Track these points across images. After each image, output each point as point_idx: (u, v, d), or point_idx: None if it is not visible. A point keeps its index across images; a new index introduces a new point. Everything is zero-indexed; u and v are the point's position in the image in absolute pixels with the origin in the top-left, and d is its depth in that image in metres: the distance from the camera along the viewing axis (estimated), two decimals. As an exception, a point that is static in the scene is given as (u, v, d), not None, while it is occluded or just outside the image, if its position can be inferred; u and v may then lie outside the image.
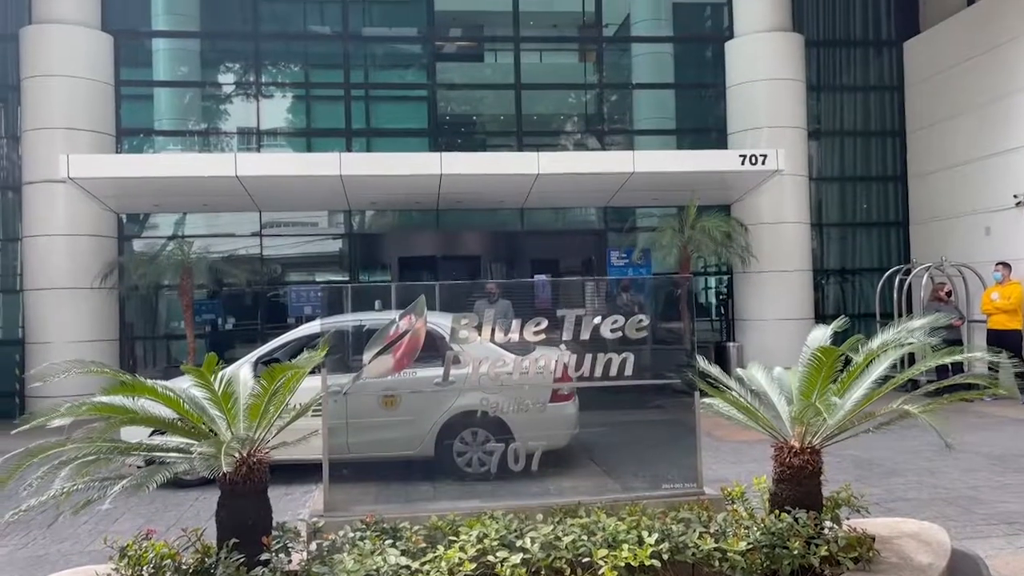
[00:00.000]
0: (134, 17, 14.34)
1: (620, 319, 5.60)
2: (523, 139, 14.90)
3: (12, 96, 12.97)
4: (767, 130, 13.59)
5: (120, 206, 12.88)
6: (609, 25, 16.03)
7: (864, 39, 15.13)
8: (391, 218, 15.23)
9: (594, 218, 15.27)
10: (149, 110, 14.64)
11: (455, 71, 16.39)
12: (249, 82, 14.78)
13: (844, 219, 15.03)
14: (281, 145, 15.28)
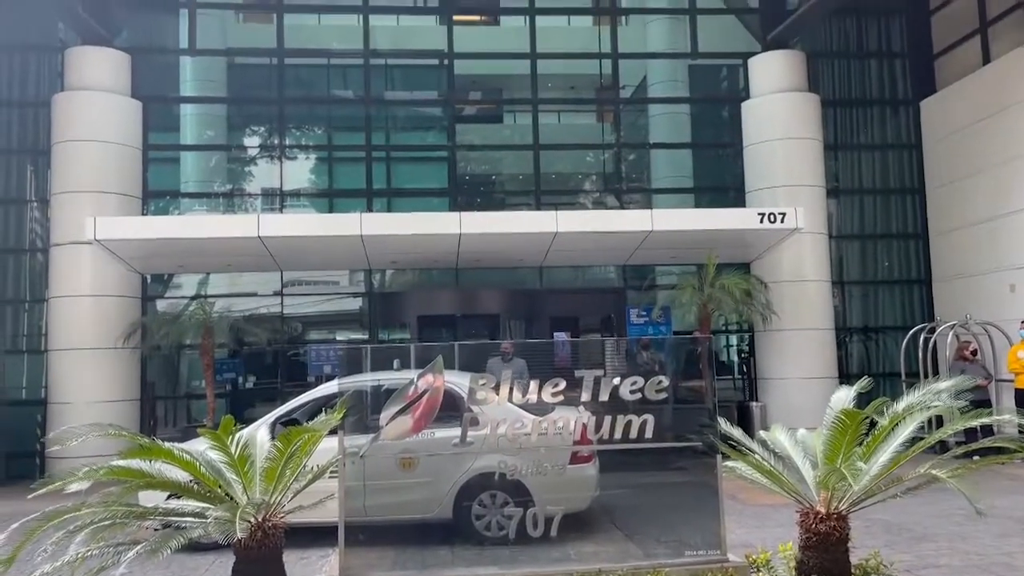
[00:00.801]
0: (163, 83, 14.77)
1: (639, 380, 5.56)
2: (541, 198, 15.04)
3: (42, 161, 13.30)
4: (785, 188, 13.62)
5: (145, 267, 13.07)
6: (626, 87, 16.28)
7: (880, 98, 15.20)
8: (411, 277, 15.32)
9: (613, 276, 15.28)
10: (175, 172, 14.96)
11: (474, 132, 16.68)
12: (273, 144, 15.10)
13: (866, 277, 14.91)
14: (303, 205, 15.51)
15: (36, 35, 13.67)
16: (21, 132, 13.51)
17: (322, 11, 16.10)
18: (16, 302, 13.31)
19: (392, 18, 16.45)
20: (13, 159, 13.47)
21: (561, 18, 16.74)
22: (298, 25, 15.35)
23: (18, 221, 13.47)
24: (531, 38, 15.24)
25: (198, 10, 14.51)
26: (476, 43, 16.09)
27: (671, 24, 16.03)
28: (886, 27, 15.28)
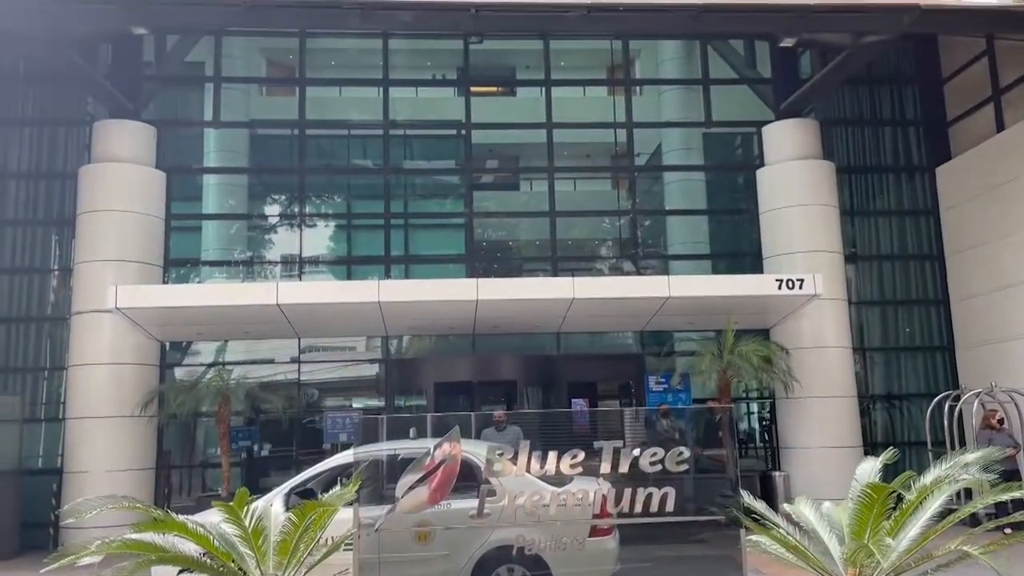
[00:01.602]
0: (187, 154, 15.12)
1: (660, 452, 5.48)
2: (558, 264, 15.09)
3: (67, 230, 13.55)
4: (803, 255, 13.60)
5: (164, 334, 13.16)
6: (641, 154, 16.46)
7: (896, 165, 15.25)
8: (427, 343, 15.32)
9: (631, 342, 15.21)
10: (197, 241, 15.18)
11: (491, 199, 16.86)
12: (293, 212, 15.33)
13: (887, 343, 14.72)
14: (322, 272, 15.64)
15: (66, 110, 14.09)
16: (47, 203, 13.81)
17: (343, 84, 16.50)
18: (36, 370, 13.40)
19: (411, 90, 16.82)
20: (39, 229, 13.74)
21: (576, 88, 17.07)
22: (319, 97, 15.72)
23: (41, 290, 13.67)
24: (547, 108, 15.51)
25: (223, 84, 14.90)
26: (493, 113, 16.39)
27: (685, 94, 16.27)
28: (899, 95, 15.43)
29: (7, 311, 13.37)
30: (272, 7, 12.78)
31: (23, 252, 13.60)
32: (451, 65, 16.47)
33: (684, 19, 12.82)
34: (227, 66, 15.07)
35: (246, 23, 13.72)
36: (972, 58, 14.13)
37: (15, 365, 13.26)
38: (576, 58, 16.95)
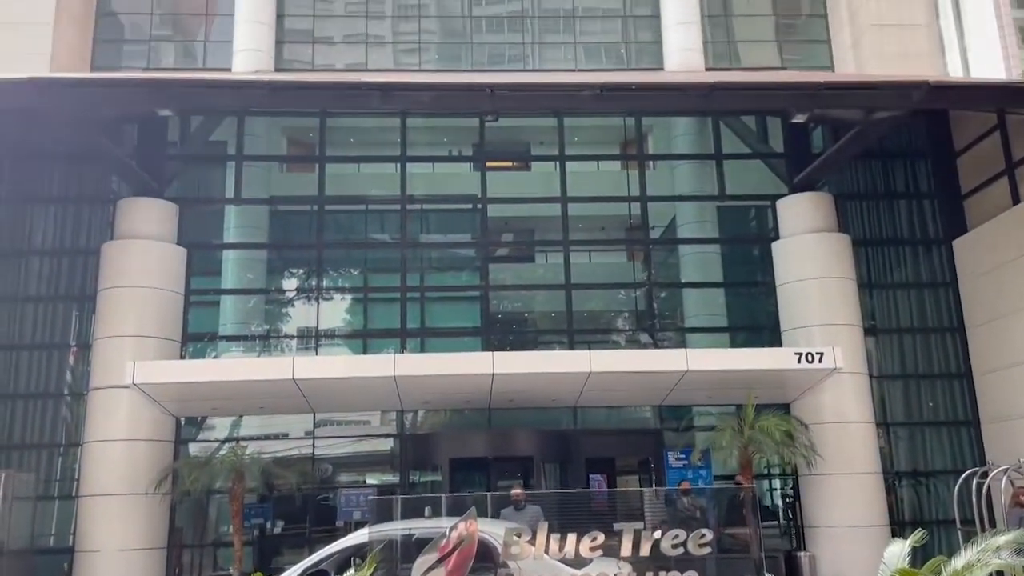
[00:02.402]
0: (208, 230, 15.35)
1: (681, 534, 5.36)
2: (574, 336, 15.04)
3: (87, 306, 13.70)
4: (821, 328, 13.50)
5: (180, 410, 13.15)
6: (656, 227, 16.53)
7: (912, 238, 15.22)
8: (443, 417, 15.19)
9: (649, 416, 15.01)
10: (215, 315, 15.27)
11: (507, 272, 16.92)
12: (310, 286, 15.44)
13: (911, 418, 14.42)
14: (338, 345, 15.66)
15: (91, 188, 14.42)
16: (69, 279, 14.00)
17: (362, 160, 16.79)
18: (51, 446, 13.37)
19: (428, 166, 17.09)
20: (60, 305, 13.90)
21: (590, 163, 17.28)
22: (338, 173, 16.00)
23: (59, 366, 13.73)
24: (561, 182, 15.71)
25: (245, 162, 15.22)
26: (508, 187, 16.60)
27: (698, 167, 16.43)
28: (912, 169, 15.51)
29: (25, 387, 13.44)
30: (294, 89, 13.19)
31: (43, 328, 13.73)
32: (467, 141, 16.77)
33: (695, 97, 13.08)
34: (249, 144, 15.43)
35: (269, 105, 14.11)
36: (984, 132, 14.22)
37: (31, 441, 13.25)
38: (590, 133, 17.24)
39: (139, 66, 16.65)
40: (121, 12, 17.01)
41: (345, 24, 17.92)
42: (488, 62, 17.87)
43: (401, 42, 17.77)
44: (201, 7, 17.19)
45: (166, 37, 17.27)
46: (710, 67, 17.14)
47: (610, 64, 17.96)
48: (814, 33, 17.82)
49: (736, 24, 17.94)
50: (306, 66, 17.29)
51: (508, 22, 18.24)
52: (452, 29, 18.12)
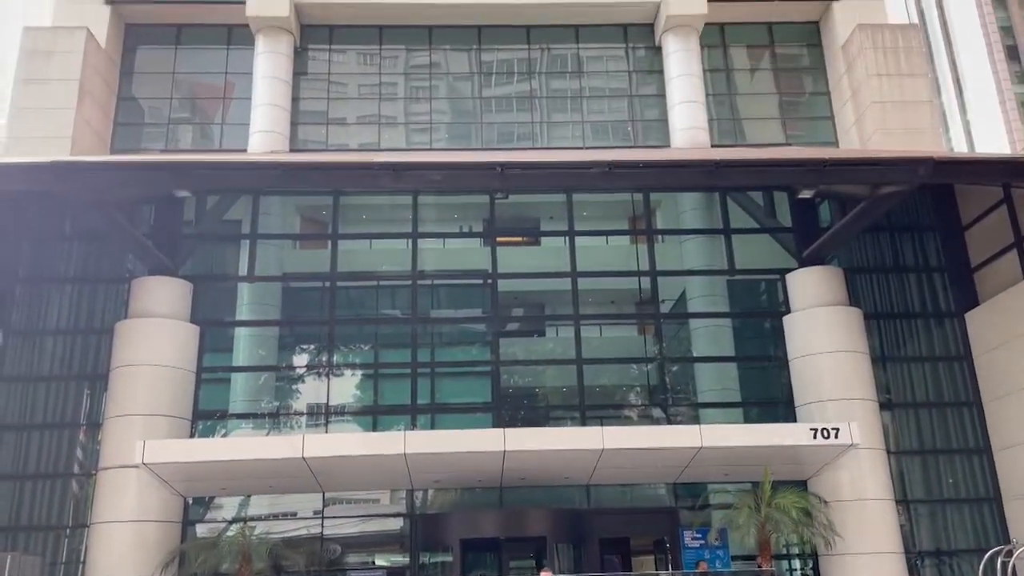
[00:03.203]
0: (221, 307, 15.44)
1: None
2: (586, 412, 14.92)
3: (99, 385, 13.73)
4: (835, 402, 13.39)
5: (188, 490, 13.01)
6: (666, 301, 16.54)
7: (923, 311, 15.20)
8: (453, 496, 14.95)
9: (664, 494, 14.74)
10: (225, 392, 15.23)
11: (518, 346, 16.86)
12: (321, 362, 15.44)
13: (931, 495, 14.12)
14: (348, 421, 15.55)
15: (106, 267, 14.64)
16: (82, 358, 14.09)
17: (373, 237, 16.98)
18: (59, 528, 13.21)
19: (439, 241, 17.26)
20: (71, 385, 13.94)
21: (599, 238, 17.39)
22: (350, 250, 16.17)
23: (69, 446, 13.69)
24: (571, 257, 15.82)
25: (259, 240, 15.42)
26: (518, 263, 16.71)
27: (707, 241, 16.51)
28: (920, 242, 15.59)
29: (35, 467, 13.38)
30: (308, 169, 13.45)
31: (55, 408, 13.76)
32: (478, 217, 16.97)
33: (701, 174, 13.26)
34: (263, 222, 15.67)
35: (284, 185, 14.38)
36: (991, 205, 14.33)
37: (39, 523, 13.10)
38: (598, 208, 17.41)
39: (157, 147, 17.10)
40: (142, 97, 17.56)
41: (359, 106, 18.41)
42: (498, 140, 18.25)
43: (413, 122, 18.21)
44: (219, 92, 17.74)
45: (184, 119, 17.77)
46: (716, 144, 17.45)
47: (617, 141, 18.30)
48: (817, 110, 18.17)
49: (740, 102, 18.34)
50: (320, 146, 17.70)
51: (517, 102, 18.70)
52: (462, 109, 18.58)
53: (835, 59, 17.90)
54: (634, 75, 18.61)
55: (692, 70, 17.61)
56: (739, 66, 18.72)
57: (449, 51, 18.66)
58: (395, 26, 18.25)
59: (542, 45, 18.74)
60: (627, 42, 18.73)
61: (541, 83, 18.70)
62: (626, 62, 18.72)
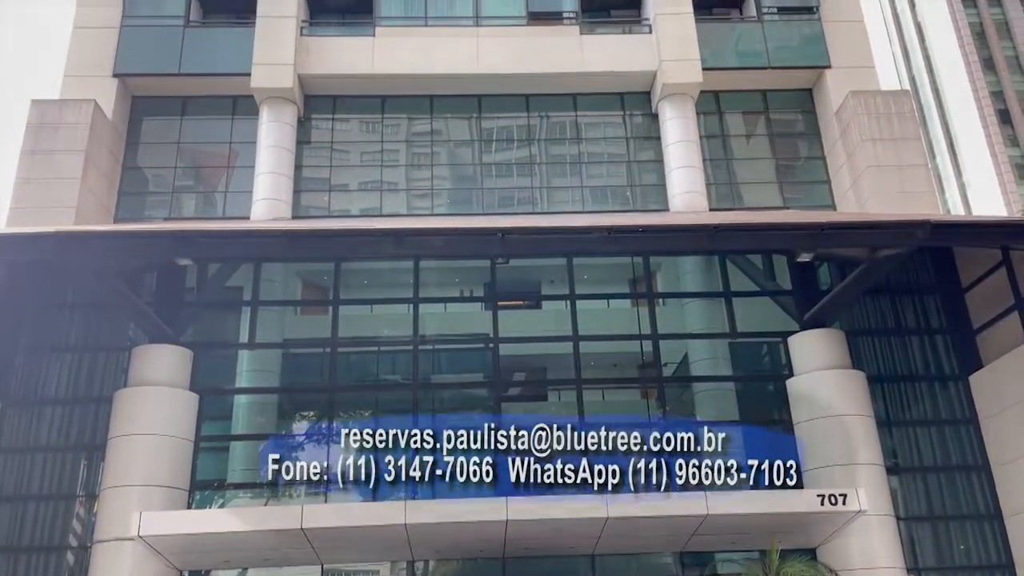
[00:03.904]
0: (220, 374, 15.34)
1: None
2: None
3: (96, 456, 13.58)
4: (842, 468, 13.20)
5: (184, 563, 12.76)
6: (668, 364, 16.48)
7: (927, 374, 15.06)
8: (455, 567, 14.64)
9: (670, 562, 14.43)
10: (224, 461, 15.05)
11: (520, 411, 16.72)
12: (321, 430, 15.28)
13: (942, 563, 13.76)
14: (348, 491, 15.30)
15: (107, 335, 14.59)
16: (80, 428, 13.92)
17: (374, 303, 17.02)
18: (51, 606, 12.91)
19: (439, 306, 17.28)
20: (68, 455, 13.75)
21: (600, 301, 17.42)
22: (351, 315, 16.17)
23: (65, 518, 13.40)
24: (572, 321, 15.80)
25: (260, 307, 15.44)
26: (520, 327, 16.68)
27: (708, 304, 16.54)
28: (921, 304, 15.53)
29: (29, 540, 13.10)
30: (310, 237, 13.58)
31: (51, 479, 13.53)
32: (478, 281, 17.03)
33: (700, 238, 13.36)
34: (265, 289, 15.73)
35: (287, 253, 14.44)
36: (991, 267, 14.35)
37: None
38: (599, 272, 17.50)
39: (160, 215, 17.26)
40: (146, 166, 17.83)
41: (361, 172, 18.69)
42: (498, 205, 18.43)
43: (414, 188, 18.43)
44: (223, 160, 18.00)
45: (188, 188, 17.99)
46: (714, 207, 17.62)
47: (617, 205, 18.49)
48: (814, 174, 18.41)
49: (737, 166, 18.59)
50: (323, 212, 17.88)
51: (517, 167, 18.97)
52: (463, 175, 18.84)
53: (829, 125, 18.20)
54: (632, 141, 18.90)
55: (689, 136, 17.89)
56: (735, 132, 19.04)
57: (450, 119, 19.00)
58: (397, 96, 18.64)
59: (541, 113, 19.09)
60: (624, 109, 19.08)
61: (541, 149, 19.00)
62: (624, 128, 19.03)
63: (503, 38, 18.59)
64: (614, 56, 18.56)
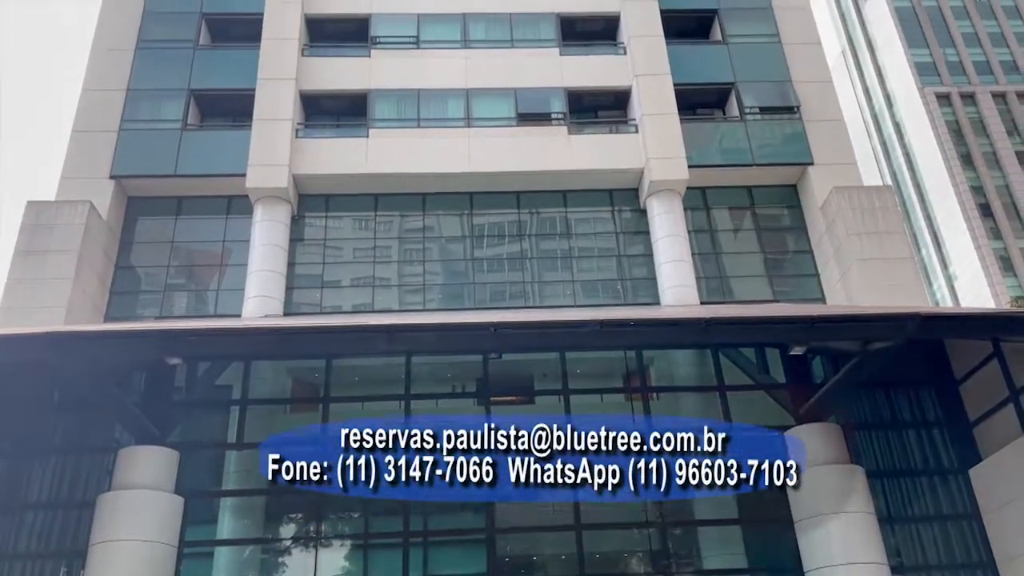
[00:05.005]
0: (206, 475, 15.01)
1: None
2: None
3: (76, 563, 13.10)
4: (844, 567, 12.80)
5: None
6: (665, 461, 16.18)
7: (926, 468, 14.86)
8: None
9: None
10: (208, 566, 14.53)
11: (514, 512, 16.30)
12: (309, 533, 14.85)
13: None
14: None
15: (93, 437, 14.31)
16: (62, 533, 13.50)
17: (366, 400, 16.81)
18: None
19: (431, 402, 17.07)
20: (48, 563, 13.28)
21: (594, 395, 17.24)
22: (342, 411, 15.92)
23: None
24: (566, 415, 15.58)
25: (249, 406, 15.23)
26: (512, 422, 16.43)
27: (702, 398, 16.41)
28: (917, 396, 15.47)
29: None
30: (302, 334, 13.51)
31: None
32: (471, 377, 16.86)
33: (693, 331, 13.36)
34: (254, 387, 15.55)
35: (277, 350, 14.36)
36: (983, 359, 14.35)
37: None
38: (592, 366, 17.37)
39: (152, 314, 17.24)
40: (139, 265, 17.90)
41: (353, 269, 18.82)
42: (490, 299, 18.50)
43: (407, 284, 18.53)
44: (216, 259, 18.13)
45: (180, 286, 18.03)
46: (705, 300, 17.73)
47: (608, 299, 18.59)
48: (802, 267, 18.63)
49: (726, 260, 18.82)
50: (314, 308, 17.90)
51: (508, 262, 19.14)
52: (455, 270, 18.99)
53: (815, 219, 18.54)
54: (621, 236, 19.18)
55: (677, 231, 18.19)
56: (722, 226, 19.38)
57: (442, 216, 19.30)
58: (390, 194, 18.97)
59: (532, 209, 19.42)
60: (613, 205, 19.44)
61: (531, 244, 19.23)
62: (613, 224, 19.34)
63: (494, 138, 19.11)
64: (602, 154, 19.06)
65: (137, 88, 19.28)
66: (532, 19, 21.11)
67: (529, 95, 19.95)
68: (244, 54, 19.86)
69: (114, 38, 19.88)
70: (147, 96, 19.28)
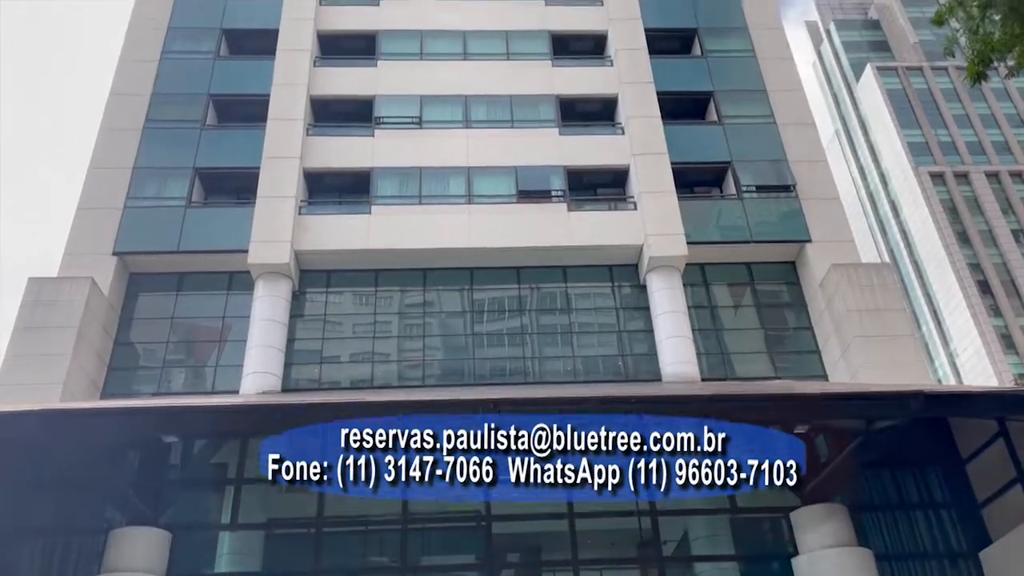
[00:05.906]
0: (199, 556, 14.60)
1: None
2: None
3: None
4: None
5: None
6: (668, 542, 15.84)
7: (935, 551, 14.52)
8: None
9: None
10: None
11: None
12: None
13: None
14: None
15: (84, 517, 13.99)
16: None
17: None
18: None
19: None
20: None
21: (597, 475, 16.95)
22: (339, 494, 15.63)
23: None
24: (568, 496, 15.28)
25: (244, 485, 14.96)
26: (513, 503, 16.08)
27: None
28: (924, 477, 15.21)
29: None
30: (299, 411, 13.36)
31: None
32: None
33: (695, 409, 13.12)
34: (250, 466, 15.26)
35: (273, 427, 14.11)
36: (988, 439, 14.16)
37: None
38: (593, 444, 17.13)
39: (149, 391, 17.11)
40: (138, 341, 17.86)
41: (353, 344, 18.75)
42: (490, 375, 18.39)
43: (406, 359, 18.44)
44: (215, 335, 18.10)
45: (178, 362, 17.95)
46: (706, 377, 17.61)
47: (608, 375, 18.46)
48: (803, 344, 18.58)
49: (726, 336, 18.78)
50: (313, 384, 17.77)
51: (508, 338, 19.11)
52: (455, 345, 18.92)
53: (814, 296, 18.59)
54: (621, 312, 19.20)
55: (677, 307, 18.20)
56: (722, 303, 19.42)
57: (442, 291, 19.35)
58: (391, 269, 19.06)
59: (532, 285, 19.50)
60: (613, 281, 19.52)
61: (532, 320, 19.23)
62: (613, 299, 19.39)
63: (494, 215, 19.32)
64: (601, 231, 19.24)
65: (143, 166, 19.60)
66: (532, 101, 21.61)
67: (529, 173, 20.26)
68: (250, 133, 20.26)
69: (123, 118, 20.30)
70: (153, 174, 19.58)
